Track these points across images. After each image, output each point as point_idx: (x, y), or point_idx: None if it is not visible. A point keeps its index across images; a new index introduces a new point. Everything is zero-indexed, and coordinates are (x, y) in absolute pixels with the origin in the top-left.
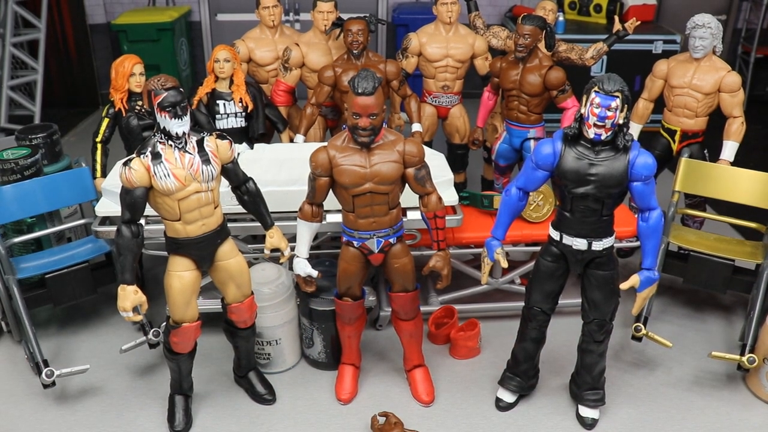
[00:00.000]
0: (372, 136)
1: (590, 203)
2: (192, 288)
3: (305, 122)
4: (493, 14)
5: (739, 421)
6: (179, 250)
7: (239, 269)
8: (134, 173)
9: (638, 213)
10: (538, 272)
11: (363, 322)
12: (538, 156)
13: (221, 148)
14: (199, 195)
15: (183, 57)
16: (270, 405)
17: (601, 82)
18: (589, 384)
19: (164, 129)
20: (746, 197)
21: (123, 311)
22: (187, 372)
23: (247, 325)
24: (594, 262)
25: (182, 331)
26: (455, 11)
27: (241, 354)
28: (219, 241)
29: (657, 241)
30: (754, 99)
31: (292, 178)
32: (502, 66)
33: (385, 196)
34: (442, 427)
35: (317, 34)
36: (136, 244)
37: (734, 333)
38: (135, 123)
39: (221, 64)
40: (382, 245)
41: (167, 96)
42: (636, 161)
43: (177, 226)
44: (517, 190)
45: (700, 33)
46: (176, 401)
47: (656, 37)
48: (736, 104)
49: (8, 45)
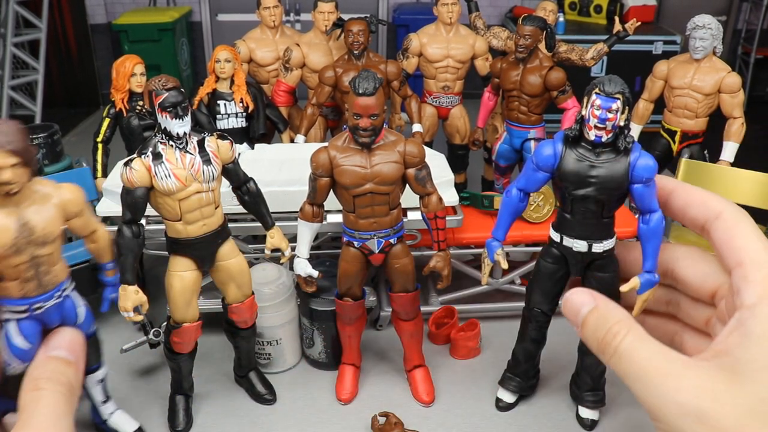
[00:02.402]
0: (373, 137)
1: (591, 205)
2: (193, 288)
3: (306, 122)
4: (494, 15)
5: None
6: (180, 251)
7: (240, 269)
8: (135, 173)
9: (639, 215)
10: (538, 274)
11: (363, 322)
12: (538, 157)
13: (222, 148)
14: (200, 195)
15: (184, 57)
16: (270, 405)
17: (602, 83)
18: (590, 385)
19: (165, 129)
20: (746, 198)
21: (124, 311)
22: (187, 372)
23: (248, 325)
24: (594, 264)
25: (183, 331)
26: (456, 12)
27: (241, 354)
28: (220, 241)
29: (658, 243)
30: (754, 99)
31: (293, 178)
32: (502, 66)
33: (386, 196)
34: (442, 427)
35: (318, 35)
36: (138, 245)
37: None
38: (136, 123)
39: (222, 64)
40: (382, 245)
41: (168, 96)
42: (637, 163)
43: (178, 226)
44: (517, 191)
45: (700, 34)
46: (177, 401)
47: (656, 38)
48: (736, 105)
49: (9, 45)
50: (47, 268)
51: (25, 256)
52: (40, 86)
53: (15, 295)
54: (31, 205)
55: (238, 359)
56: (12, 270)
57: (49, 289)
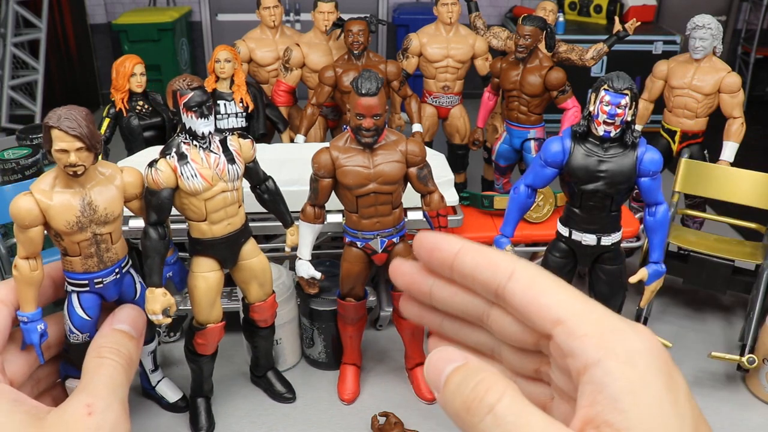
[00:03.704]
0: (375, 137)
1: (599, 199)
2: (217, 289)
3: (306, 122)
4: (494, 15)
5: (739, 421)
6: (203, 251)
7: (262, 268)
8: (161, 174)
9: (645, 208)
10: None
11: (364, 322)
12: (546, 153)
13: (244, 147)
14: (225, 194)
15: (184, 57)
16: (291, 403)
17: (611, 80)
18: None
19: (190, 129)
20: (746, 198)
21: (152, 314)
22: (208, 374)
23: (268, 324)
24: (602, 256)
25: (208, 333)
26: (456, 12)
27: (260, 353)
28: (243, 240)
29: (664, 234)
30: (754, 99)
31: (293, 178)
32: (502, 66)
33: (389, 196)
34: (442, 427)
35: (318, 35)
36: (164, 246)
37: (734, 333)
38: (136, 123)
39: (222, 64)
40: (385, 245)
41: (194, 96)
42: (644, 157)
43: (203, 226)
44: (525, 188)
45: (700, 34)
46: (198, 404)
47: (656, 38)
48: (736, 105)
49: (9, 45)
50: (108, 246)
51: (88, 234)
52: (40, 86)
53: (78, 270)
54: (96, 186)
55: (256, 359)
56: (75, 246)
57: (109, 265)
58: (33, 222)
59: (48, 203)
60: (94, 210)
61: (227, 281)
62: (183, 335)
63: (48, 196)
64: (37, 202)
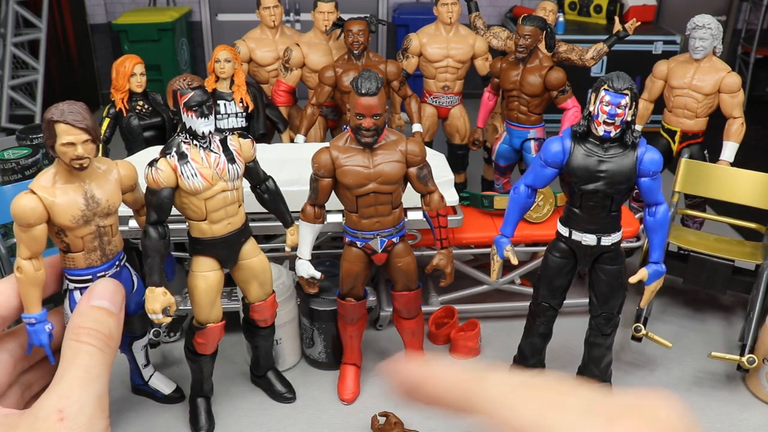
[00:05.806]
0: (376, 137)
1: (599, 199)
2: (217, 288)
3: (306, 122)
4: (494, 15)
5: (738, 421)
6: (203, 251)
7: (262, 267)
8: (161, 174)
9: (645, 208)
10: (546, 268)
11: (364, 322)
12: (547, 153)
13: (244, 146)
14: (225, 194)
15: (184, 57)
16: (290, 403)
17: (611, 80)
18: (597, 377)
19: (190, 128)
20: (746, 198)
21: (152, 313)
22: (208, 373)
23: (268, 324)
24: (602, 256)
25: (208, 332)
26: (456, 12)
27: (260, 353)
28: (243, 240)
29: (664, 234)
30: (754, 99)
31: (293, 178)
32: (502, 66)
33: (389, 195)
34: (442, 427)
35: (318, 35)
36: (164, 245)
37: (734, 333)
38: (136, 123)
39: (222, 64)
40: (385, 245)
41: (194, 95)
42: (644, 157)
43: (203, 226)
44: (525, 188)
45: (700, 34)
46: (198, 404)
47: (656, 38)
48: (736, 105)
49: (9, 45)
50: (109, 239)
51: (92, 227)
52: (40, 86)
53: (80, 266)
54: (95, 180)
55: (256, 359)
56: (79, 241)
57: (111, 258)
58: (38, 220)
59: (52, 200)
60: (98, 203)
61: (227, 281)
62: (183, 335)
63: (51, 193)
64: (41, 200)
